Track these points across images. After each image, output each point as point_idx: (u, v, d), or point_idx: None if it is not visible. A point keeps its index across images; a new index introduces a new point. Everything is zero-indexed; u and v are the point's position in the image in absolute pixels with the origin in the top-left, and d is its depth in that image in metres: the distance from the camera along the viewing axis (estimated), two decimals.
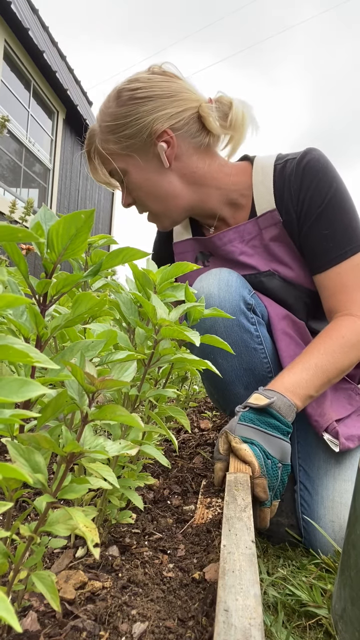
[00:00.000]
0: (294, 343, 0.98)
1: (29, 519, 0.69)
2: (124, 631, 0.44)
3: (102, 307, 0.46)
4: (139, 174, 0.99)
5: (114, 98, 0.96)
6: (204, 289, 0.96)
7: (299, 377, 0.82)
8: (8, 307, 0.29)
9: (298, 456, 0.93)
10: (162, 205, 1.03)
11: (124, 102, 0.94)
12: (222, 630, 0.35)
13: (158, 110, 0.94)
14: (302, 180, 0.94)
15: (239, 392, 0.98)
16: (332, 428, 0.85)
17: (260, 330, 0.97)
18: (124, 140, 0.96)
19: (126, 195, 1.04)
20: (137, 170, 0.99)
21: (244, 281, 0.99)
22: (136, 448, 0.43)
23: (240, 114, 0.98)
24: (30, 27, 5.22)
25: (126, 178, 1.00)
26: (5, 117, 2.57)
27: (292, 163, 0.96)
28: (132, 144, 0.96)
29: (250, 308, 0.96)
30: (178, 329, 0.57)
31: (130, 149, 0.97)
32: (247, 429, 0.76)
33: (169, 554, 0.63)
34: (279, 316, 1.00)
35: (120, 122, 0.95)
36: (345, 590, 0.55)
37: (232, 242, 1.06)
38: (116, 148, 0.97)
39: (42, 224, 0.44)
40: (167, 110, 0.94)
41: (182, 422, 0.68)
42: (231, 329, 0.93)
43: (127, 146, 0.96)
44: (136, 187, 1.01)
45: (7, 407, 0.39)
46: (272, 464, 0.74)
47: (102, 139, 0.98)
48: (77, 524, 0.38)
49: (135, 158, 0.98)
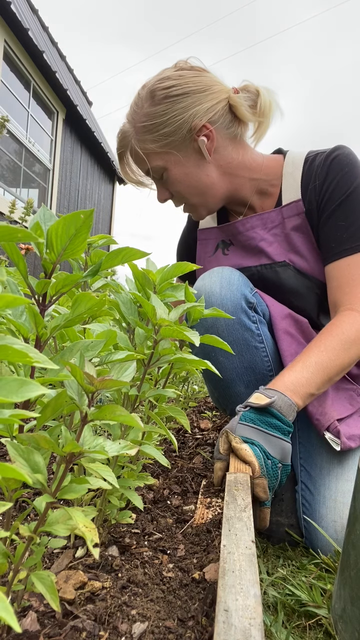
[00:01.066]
0: (296, 342, 0.99)
1: (29, 519, 0.69)
2: (123, 631, 0.44)
3: (101, 307, 0.46)
4: (179, 170, 1.00)
5: (148, 98, 0.97)
6: (205, 287, 0.96)
7: (299, 375, 0.82)
8: (7, 307, 0.29)
9: (300, 456, 0.93)
10: (201, 197, 1.04)
11: (159, 101, 0.95)
12: (222, 630, 0.35)
13: (195, 105, 0.95)
14: (328, 172, 0.97)
15: (240, 390, 0.98)
16: (333, 427, 0.85)
17: (261, 329, 0.97)
18: (163, 139, 0.97)
19: (163, 190, 1.06)
20: (176, 166, 1.00)
21: (245, 280, 1.00)
22: (136, 448, 0.43)
23: (268, 101, 1.01)
24: (30, 27, 5.22)
25: (165, 174, 1.01)
26: (5, 117, 2.57)
27: (322, 156, 1.00)
28: (172, 141, 0.97)
29: (252, 306, 0.96)
30: (178, 329, 0.57)
31: (170, 146, 0.98)
32: (247, 429, 0.76)
33: (168, 554, 0.63)
34: (281, 315, 1.00)
35: (158, 121, 0.95)
36: (345, 590, 0.55)
37: (254, 229, 1.08)
38: (154, 147, 0.98)
39: (42, 224, 0.44)
40: (204, 105, 0.96)
41: (181, 422, 0.68)
42: (232, 327, 0.94)
43: (166, 144, 0.97)
44: (176, 182, 1.02)
45: (7, 407, 0.39)
46: (272, 464, 0.74)
47: (139, 139, 0.99)
48: (77, 524, 0.38)
49: (175, 154, 0.99)
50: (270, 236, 1.06)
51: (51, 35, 6.53)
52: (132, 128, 1.00)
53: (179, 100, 0.95)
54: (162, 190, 1.06)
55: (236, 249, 1.13)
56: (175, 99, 0.95)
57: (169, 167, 1.00)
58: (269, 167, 1.07)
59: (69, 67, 7.18)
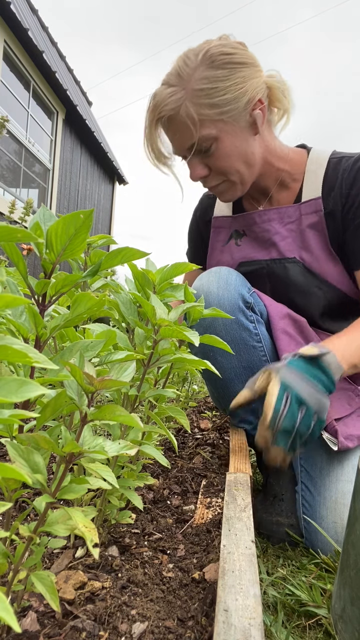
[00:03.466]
0: (294, 342, 0.99)
1: (29, 519, 0.69)
2: (123, 631, 0.44)
3: (101, 307, 0.46)
4: (231, 141, 0.96)
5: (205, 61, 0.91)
6: (203, 287, 0.96)
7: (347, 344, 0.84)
8: (7, 308, 0.29)
9: (300, 457, 0.93)
10: (244, 173, 1.00)
11: (221, 65, 0.91)
12: (222, 630, 0.35)
13: (253, 77, 0.93)
14: (356, 177, 0.96)
15: (239, 390, 0.98)
16: (331, 427, 0.85)
17: (259, 328, 0.97)
18: (222, 105, 0.91)
19: (201, 167, 1.00)
20: (229, 137, 0.95)
21: (243, 279, 1.00)
22: (135, 448, 0.43)
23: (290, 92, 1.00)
24: (30, 27, 5.22)
25: (214, 146, 0.96)
26: (5, 117, 2.57)
27: (349, 161, 0.99)
28: (230, 109, 0.92)
29: (249, 306, 0.96)
30: (177, 329, 0.57)
31: (227, 114, 0.93)
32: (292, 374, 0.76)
33: (168, 554, 0.63)
34: (279, 315, 1.00)
35: (220, 85, 0.90)
36: (344, 590, 0.55)
37: (271, 221, 1.07)
38: (212, 113, 0.92)
39: (41, 224, 0.44)
40: (258, 79, 0.94)
41: (181, 422, 0.68)
42: (230, 327, 0.94)
43: (224, 112, 0.92)
44: (224, 155, 0.97)
45: (6, 407, 0.39)
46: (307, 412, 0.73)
47: (196, 103, 0.91)
48: (77, 524, 0.38)
49: (230, 124, 0.94)
50: (285, 231, 1.05)
51: (51, 35, 6.53)
52: (183, 90, 0.92)
53: (239, 69, 0.91)
54: (200, 166, 0.99)
55: (249, 241, 1.12)
56: (237, 67, 0.91)
57: (222, 137, 0.94)
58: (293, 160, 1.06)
59: (69, 67, 7.17)
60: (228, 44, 0.93)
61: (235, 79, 0.91)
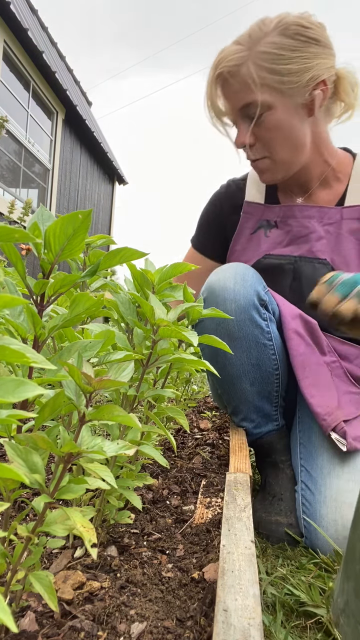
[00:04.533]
0: (304, 342, 0.98)
1: (27, 519, 0.69)
2: (122, 631, 0.44)
3: (99, 307, 0.46)
4: (284, 114, 0.94)
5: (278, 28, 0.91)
6: (220, 281, 0.95)
7: None
8: (5, 308, 0.29)
9: (300, 457, 0.93)
10: (290, 153, 0.98)
11: (292, 35, 0.90)
12: (221, 630, 0.35)
13: (322, 56, 0.91)
14: None
15: (245, 387, 0.98)
16: (340, 428, 0.85)
17: (270, 327, 0.97)
18: (284, 75, 0.90)
19: (250, 133, 0.98)
20: (283, 109, 0.94)
21: (259, 277, 0.99)
22: (134, 448, 0.43)
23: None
24: (30, 27, 5.22)
25: (267, 114, 0.94)
26: (5, 117, 2.57)
27: None
28: (290, 81, 0.91)
29: (264, 304, 0.96)
30: (176, 329, 0.57)
31: (286, 85, 0.91)
32: None
33: (167, 554, 0.62)
34: (292, 315, 1.00)
35: (286, 54, 0.90)
36: (349, 584, 0.55)
37: (310, 219, 1.05)
38: (272, 79, 0.91)
39: (40, 224, 0.44)
40: (329, 60, 0.92)
41: (181, 423, 0.68)
42: (243, 323, 0.93)
43: (284, 82, 0.91)
44: (275, 127, 0.95)
45: (5, 407, 0.39)
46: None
47: (259, 65, 0.91)
48: (75, 524, 0.38)
49: (287, 96, 0.93)
50: (322, 231, 1.04)
51: (50, 35, 6.53)
52: (248, 50, 0.91)
53: (311, 44, 0.90)
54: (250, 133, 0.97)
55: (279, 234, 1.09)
56: (309, 41, 0.90)
57: (277, 106, 0.93)
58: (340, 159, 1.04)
59: (69, 67, 7.17)
60: (306, 19, 0.92)
61: (304, 52, 0.90)
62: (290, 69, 0.90)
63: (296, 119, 0.95)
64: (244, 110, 0.96)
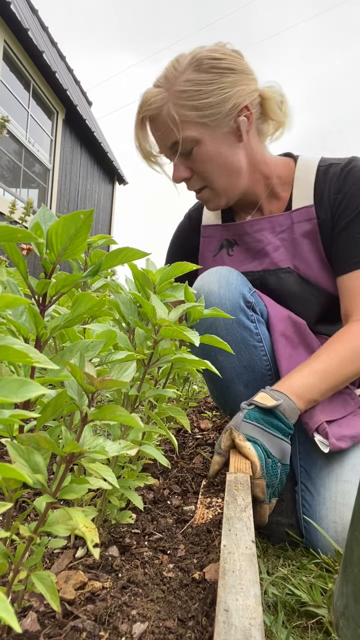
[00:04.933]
0: (291, 345, 0.99)
1: (29, 519, 0.69)
2: (123, 631, 0.44)
3: (101, 307, 0.46)
4: (213, 146, 0.96)
5: (192, 64, 0.93)
6: (204, 286, 0.96)
7: (306, 381, 0.83)
8: (7, 308, 0.29)
9: (299, 457, 0.93)
10: (226, 181, 1.00)
11: (207, 69, 0.92)
12: (222, 630, 0.35)
13: (241, 84, 0.93)
14: (344, 183, 0.97)
15: (239, 389, 0.99)
16: (322, 429, 0.85)
17: (259, 328, 0.98)
18: (205, 108, 0.93)
19: (183, 168, 1.00)
20: (211, 141, 0.96)
21: (244, 279, 1.00)
22: (136, 448, 0.43)
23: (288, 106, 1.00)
24: (30, 27, 5.22)
25: (195, 149, 0.96)
26: (5, 117, 2.57)
27: (337, 167, 0.99)
28: (213, 113, 0.93)
29: (250, 306, 0.97)
30: (177, 329, 0.57)
31: (209, 118, 0.94)
32: (251, 428, 0.77)
33: (169, 554, 0.62)
34: (279, 317, 1.01)
35: (203, 89, 0.92)
36: (347, 587, 0.55)
37: (262, 231, 1.06)
38: (193, 115, 0.93)
39: (41, 224, 0.44)
40: (248, 86, 0.94)
41: (182, 423, 0.68)
42: (231, 327, 0.94)
43: (206, 115, 0.93)
44: (206, 160, 0.97)
45: (7, 407, 0.39)
46: (273, 463, 0.75)
47: (178, 104, 0.93)
48: (77, 524, 0.38)
49: (212, 128, 0.95)
50: (277, 240, 1.05)
51: (51, 35, 6.53)
52: (167, 92, 0.94)
53: (226, 74, 0.92)
54: (183, 168, 1.00)
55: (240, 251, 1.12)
56: (223, 72, 0.92)
57: (204, 140, 0.95)
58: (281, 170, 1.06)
59: (69, 67, 7.17)
60: (219, 50, 0.94)
61: (220, 83, 0.92)
62: (210, 102, 0.92)
63: (225, 146, 0.97)
64: (173, 147, 0.98)
